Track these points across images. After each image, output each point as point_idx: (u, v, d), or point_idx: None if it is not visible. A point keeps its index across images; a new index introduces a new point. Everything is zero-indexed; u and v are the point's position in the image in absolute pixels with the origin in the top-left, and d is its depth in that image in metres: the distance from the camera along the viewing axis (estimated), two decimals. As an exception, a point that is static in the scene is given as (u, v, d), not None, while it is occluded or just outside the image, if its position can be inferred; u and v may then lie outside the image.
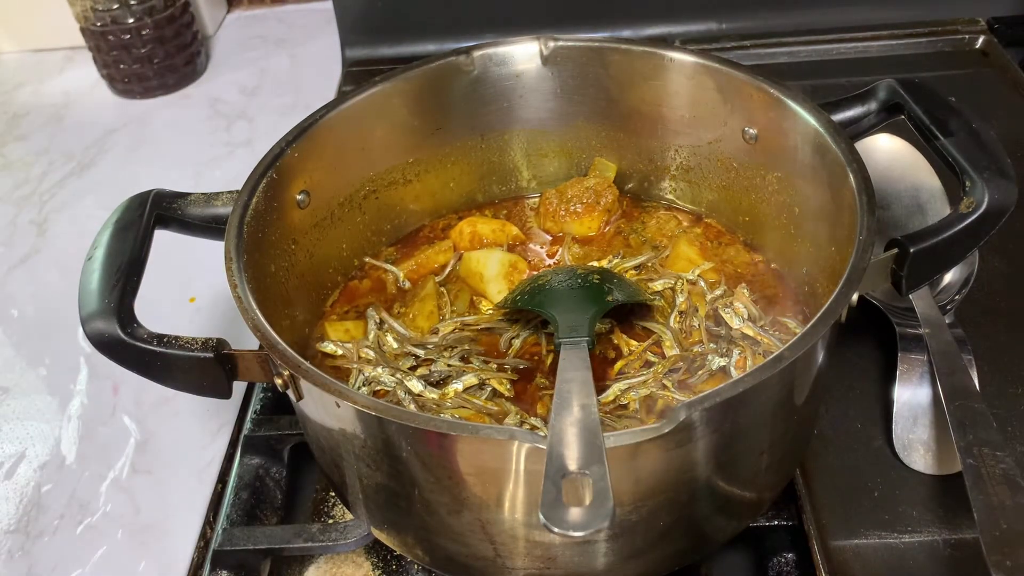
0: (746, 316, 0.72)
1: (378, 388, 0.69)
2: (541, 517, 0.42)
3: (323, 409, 0.58)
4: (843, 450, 0.71)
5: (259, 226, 0.66)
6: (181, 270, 0.92)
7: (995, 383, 0.74)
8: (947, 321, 0.73)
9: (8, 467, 0.80)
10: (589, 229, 0.85)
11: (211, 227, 0.67)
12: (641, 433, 0.49)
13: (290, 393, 0.59)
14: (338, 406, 0.54)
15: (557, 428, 0.49)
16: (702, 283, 0.76)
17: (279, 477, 0.79)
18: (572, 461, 0.45)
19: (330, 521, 0.75)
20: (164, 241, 0.67)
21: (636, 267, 0.80)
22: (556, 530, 0.42)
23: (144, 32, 1.23)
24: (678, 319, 0.73)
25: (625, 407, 0.67)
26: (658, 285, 0.77)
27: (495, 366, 0.71)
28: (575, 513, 0.42)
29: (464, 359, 0.72)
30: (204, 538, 0.73)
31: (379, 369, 0.70)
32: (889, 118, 0.70)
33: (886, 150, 0.79)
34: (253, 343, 0.59)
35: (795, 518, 0.68)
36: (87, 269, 0.62)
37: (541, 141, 0.87)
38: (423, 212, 0.86)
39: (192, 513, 0.75)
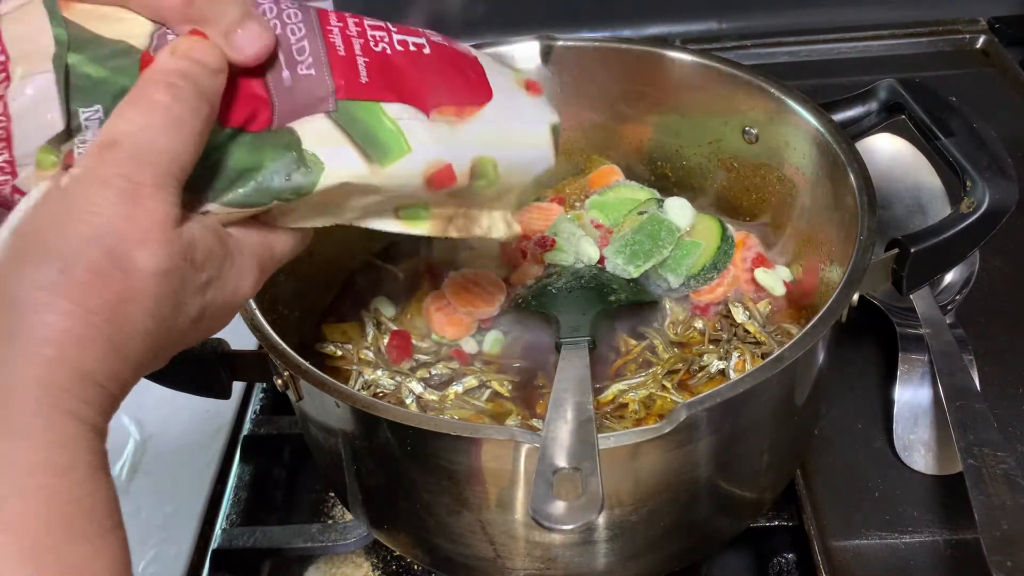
0: (750, 316, 0.72)
1: (378, 391, 0.69)
2: (530, 511, 0.43)
3: (323, 409, 0.58)
4: (844, 450, 0.71)
5: (259, 226, 0.66)
6: (181, 270, 0.92)
7: (996, 383, 0.74)
8: (948, 321, 0.73)
9: (8, 467, 0.80)
10: (589, 229, 0.84)
11: (211, 227, 0.67)
12: (641, 433, 0.49)
13: (290, 393, 0.59)
14: (338, 406, 0.54)
15: (551, 425, 0.49)
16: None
17: (279, 477, 0.79)
18: (563, 457, 0.46)
19: (330, 521, 0.75)
20: (164, 241, 0.67)
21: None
22: (544, 524, 0.42)
23: (144, 32, 1.23)
24: (672, 327, 0.73)
25: (625, 407, 0.67)
26: None
27: (495, 367, 0.71)
28: (563, 507, 0.43)
29: (464, 359, 0.72)
30: (204, 538, 0.73)
31: (378, 372, 0.70)
32: (890, 118, 0.70)
33: (886, 150, 0.79)
34: (253, 343, 0.59)
35: (795, 518, 0.68)
36: (87, 269, 0.62)
37: (541, 141, 0.86)
38: (423, 212, 0.86)
39: (192, 513, 0.74)
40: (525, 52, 0.80)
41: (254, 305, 0.59)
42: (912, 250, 0.58)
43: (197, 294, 0.42)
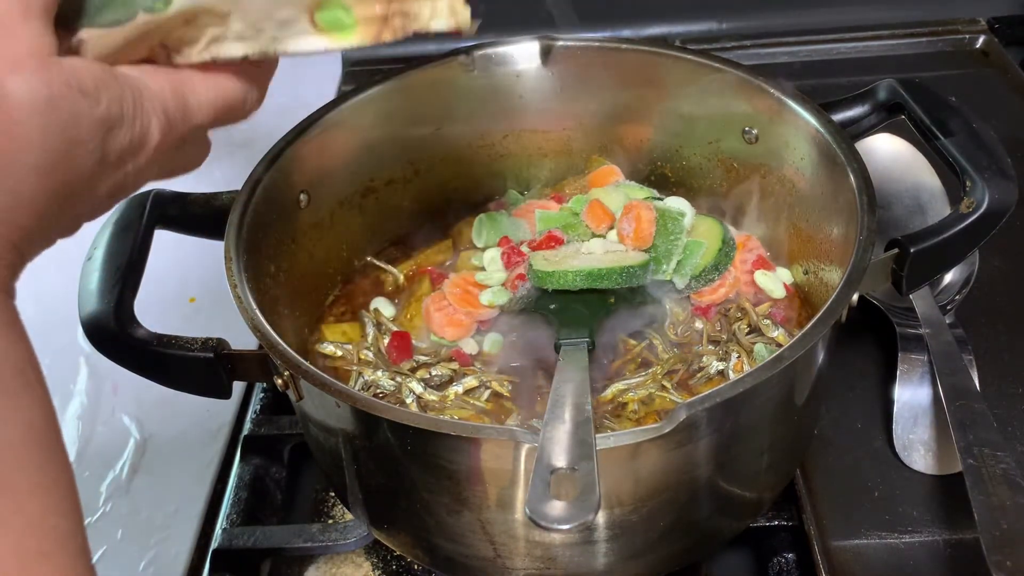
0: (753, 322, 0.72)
1: (378, 391, 0.69)
2: (527, 511, 0.43)
3: (323, 409, 0.58)
4: (843, 450, 0.71)
5: (259, 226, 0.66)
6: (180, 270, 0.92)
7: (995, 383, 0.74)
8: (947, 321, 0.73)
9: (8, 467, 0.80)
10: (589, 229, 0.84)
11: (211, 227, 0.67)
12: (641, 433, 0.49)
13: (290, 393, 0.59)
14: (338, 406, 0.54)
15: (549, 426, 0.49)
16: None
17: (279, 477, 0.79)
18: (561, 458, 0.46)
19: (330, 521, 0.75)
20: (164, 241, 0.67)
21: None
22: (541, 524, 0.42)
23: (144, 32, 1.23)
24: (672, 328, 0.73)
25: (624, 407, 0.67)
26: None
27: (496, 367, 0.71)
28: (559, 507, 0.43)
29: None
30: (204, 538, 0.73)
31: (378, 372, 0.70)
32: (889, 118, 0.70)
33: (886, 150, 0.79)
34: (253, 343, 0.59)
35: (795, 518, 0.68)
36: (87, 269, 0.62)
37: (541, 141, 0.87)
38: (423, 212, 0.86)
39: (192, 513, 0.75)
40: (525, 52, 0.80)
41: (254, 305, 0.59)
42: (912, 250, 0.58)
43: (97, 130, 0.38)
